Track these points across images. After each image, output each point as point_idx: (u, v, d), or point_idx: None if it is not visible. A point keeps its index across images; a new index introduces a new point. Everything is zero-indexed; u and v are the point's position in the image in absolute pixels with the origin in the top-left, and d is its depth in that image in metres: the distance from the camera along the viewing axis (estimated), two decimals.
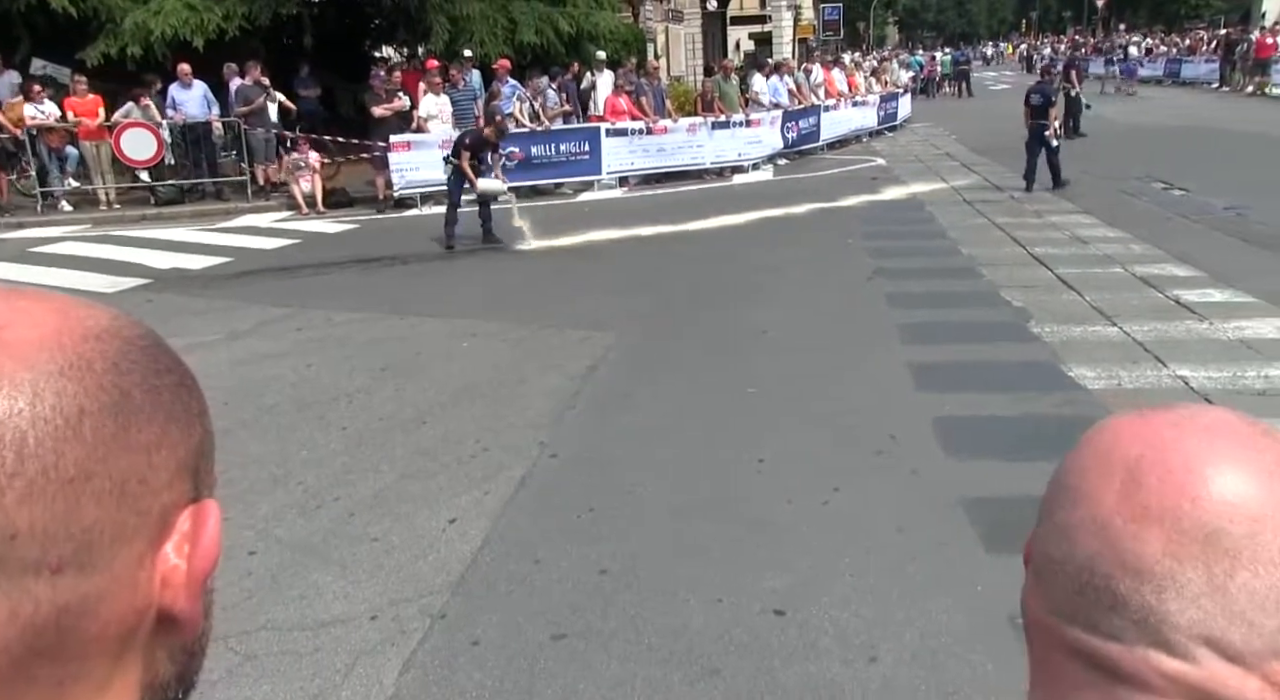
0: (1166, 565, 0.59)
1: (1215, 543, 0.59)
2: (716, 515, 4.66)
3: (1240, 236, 10.21)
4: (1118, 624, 0.61)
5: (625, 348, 7.38)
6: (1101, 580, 0.61)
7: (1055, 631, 0.65)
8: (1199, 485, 0.60)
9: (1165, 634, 0.60)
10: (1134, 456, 0.62)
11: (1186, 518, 0.59)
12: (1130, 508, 0.61)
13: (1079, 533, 0.63)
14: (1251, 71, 28.63)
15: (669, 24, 30.38)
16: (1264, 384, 5.98)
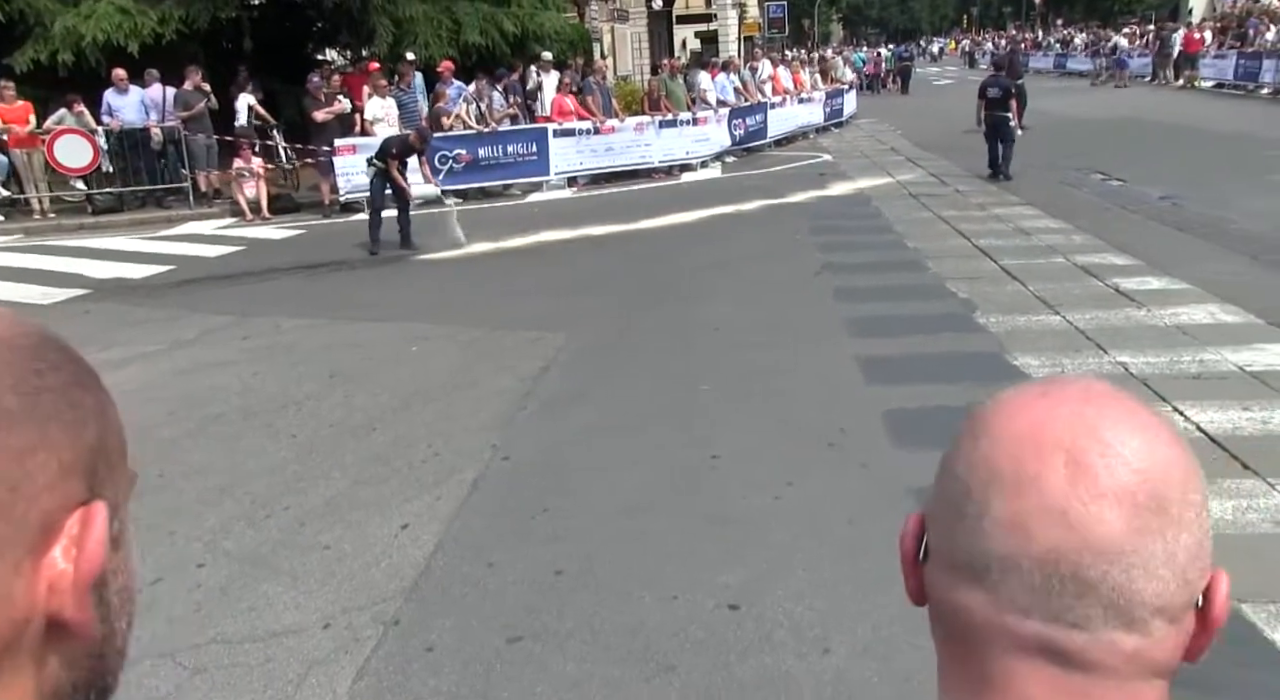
0: (1133, 541, 0.60)
1: (1165, 511, 0.60)
2: (671, 512, 4.66)
3: (1175, 225, 10.44)
4: (1085, 611, 0.61)
5: (577, 348, 7.36)
6: (1068, 568, 0.61)
7: (1012, 633, 0.63)
8: (1138, 456, 0.61)
9: (1133, 612, 0.61)
10: (1066, 437, 0.62)
11: (1140, 491, 0.60)
12: (1084, 489, 0.61)
13: (1035, 525, 0.61)
14: (1180, 66, 29.30)
15: (615, 24, 30.34)
16: (1199, 368, 6.11)
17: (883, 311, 7.81)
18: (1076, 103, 25.87)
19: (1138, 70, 33.16)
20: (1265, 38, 25.89)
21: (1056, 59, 43.08)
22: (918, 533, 0.71)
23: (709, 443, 5.42)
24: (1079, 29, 50.03)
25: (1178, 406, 5.49)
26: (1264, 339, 6.55)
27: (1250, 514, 4.30)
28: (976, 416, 0.68)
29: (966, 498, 0.65)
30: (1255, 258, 8.79)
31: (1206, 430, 5.17)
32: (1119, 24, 48.24)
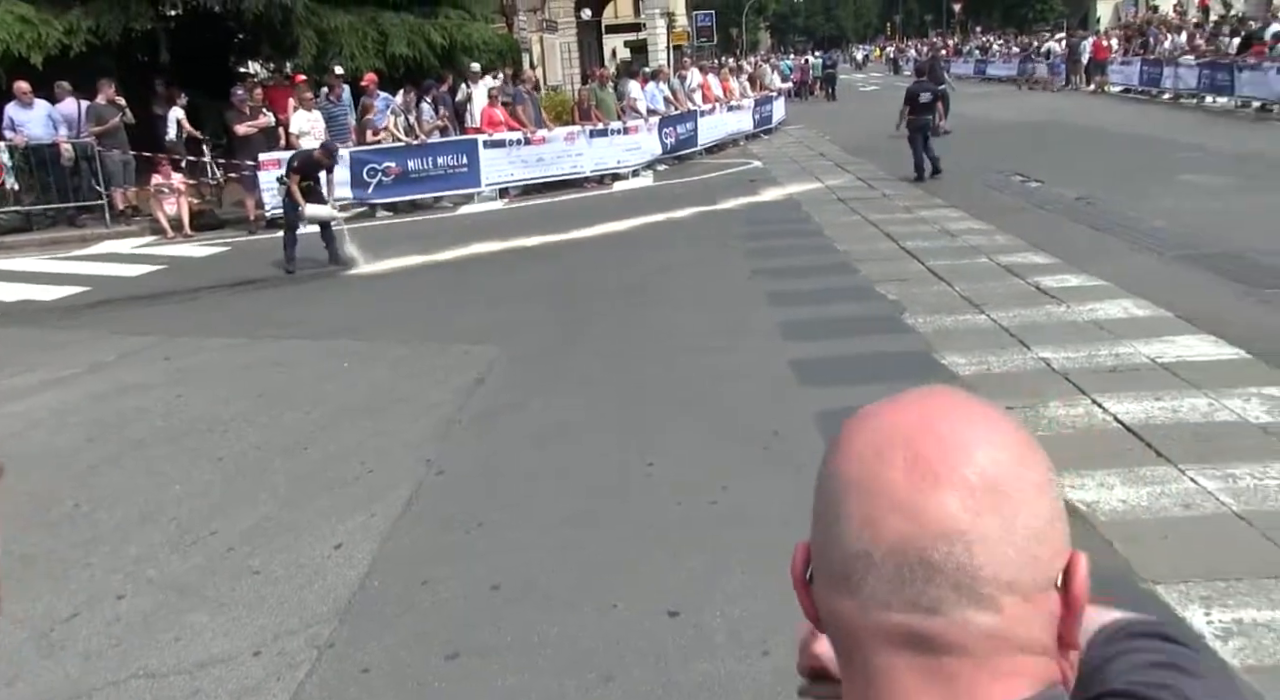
0: (968, 520, 0.64)
1: (998, 491, 0.64)
2: (608, 521, 4.66)
3: (1090, 224, 10.74)
4: (937, 594, 0.64)
5: (511, 359, 7.32)
6: (916, 555, 0.64)
7: (878, 628, 0.66)
8: (970, 444, 0.66)
9: (979, 588, 0.64)
10: (904, 437, 0.67)
11: (972, 474, 0.65)
12: (921, 480, 0.65)
13: (882, 520, 0.65)
14: (1091, 72, 30.20)
15: (544, 34, 30.32)
16: (1115, 361, 6.29)
17: (814, 314, 7.90)
18: (996, 107, 26.50)
19: (1052, 75, 34.08)
20: (1164, 46, 26.82)
21: (977, 65, 44.09)
22: (805, 558, 0.74)
23: (645, 450, 5.43)
24: (998, 36, 51.30)
25: (1096, 398, 5.64)
26: (1173, 332, 6.76)
27: (1164, 499, 4.44)
28: (839, 432, 0.72)
29: (829, 509, 0.69)
30: (1164, 254, 9.09)
31: (1123, 421, 5.32)
32: (1034, 31, 49.55)
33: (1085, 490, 4.58)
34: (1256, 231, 9.55)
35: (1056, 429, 5.33)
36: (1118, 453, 4.99)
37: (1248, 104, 20.89)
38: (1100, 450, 5.02)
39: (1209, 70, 22.92)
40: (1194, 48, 24.85)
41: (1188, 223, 10.26)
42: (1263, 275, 8.05)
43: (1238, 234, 9.52)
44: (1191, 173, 13.39)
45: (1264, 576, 3.75)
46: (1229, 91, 21.75)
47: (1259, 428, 5.15)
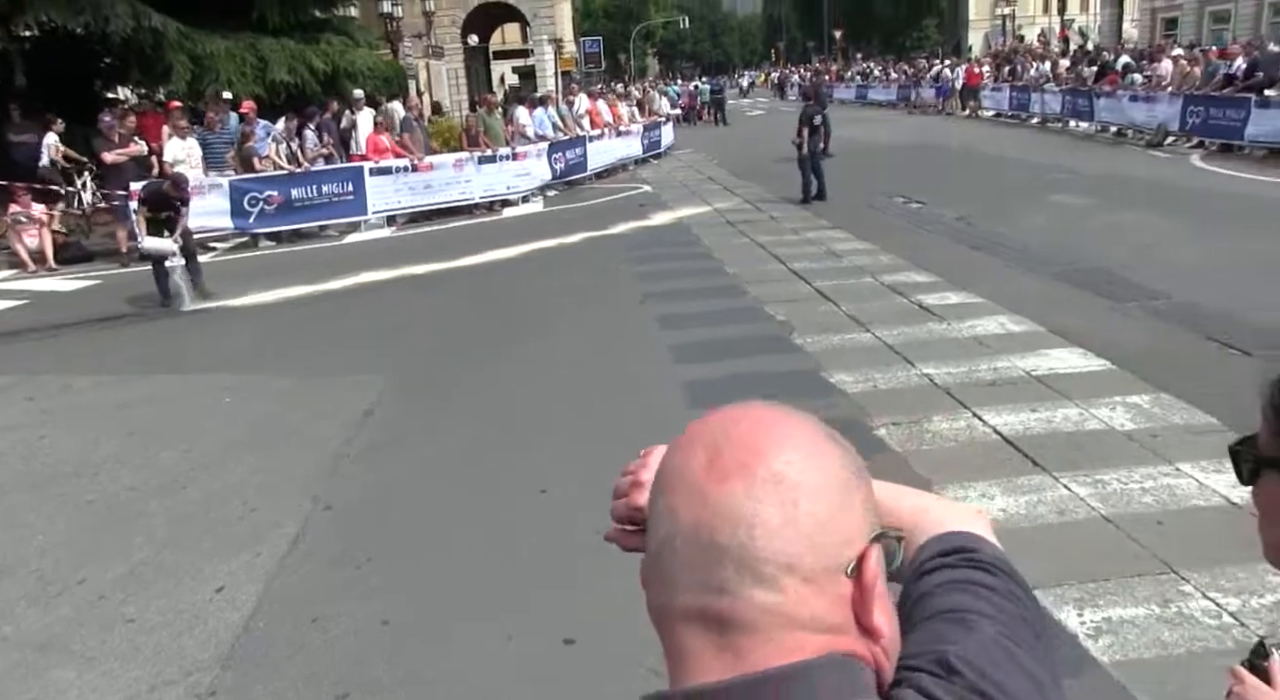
0: (751, 506, 0.71)
1: (781, 481, 0.72)
2: (501, 551, 4.60)
3: (968, 243, 11.16)
4: (724, 574, 0.71)
5: (399, 390, 7.19)
6: (706, 537, 0.71)
7: (677, 608, 0.73)
8: (765, 446, 0.73)
9: (759, 568, 0.70)
10: (712, 440, 0.74)
11: (758, 466, 0.72)
12: (716, 472, 0.73)
13: (681, 507, 0.73)
14: (964, 97, 31.50)
15: (430, 60, 30.10)
16: (993, 375, 6.54)
17: (705, 336, 7.99)
18: (878, 131, 27.37)
19: (928, 100, 35.44)
20: (1030, 73, 28.18)
21: (858, 90, 45.49)
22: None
23: (537, 477, 5.39)
24: (878, 62, 53.02)
25: (976, 412, 5.84)
26: (1047, 345, 7.07)
27: (1040, 507, 4.61)
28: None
29: (650, 503, 0.78)
30: (1037, 271, 9.50)
31: (1002, 432, 5.52)
32: (912, 59, 51.41)
33: (968, 501, 4.72)
34: (1118, 248, 10.07)
35: (940, 442, 5.49)
36: (998, 463, 5.17)
37: (1106, 128, 22.08)
38: (981, 462, 5.19)
39: (1071, 97, 24.17)
40: (1057, 76, 26.17)
41: (1057, 241, 10.76)
42: (1124, 289, 8.49)
43: (1102, 251, 10.03)
44: (1060, 193, 14.07)
45: (1129, 575, 3.93)
46: (1089, 117, 22.97)
47: (1124, 435, 5.40)
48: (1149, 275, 8.83)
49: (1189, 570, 3.91)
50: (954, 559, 0.88)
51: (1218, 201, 12.72)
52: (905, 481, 4.14)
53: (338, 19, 22.67)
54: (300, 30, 19.71)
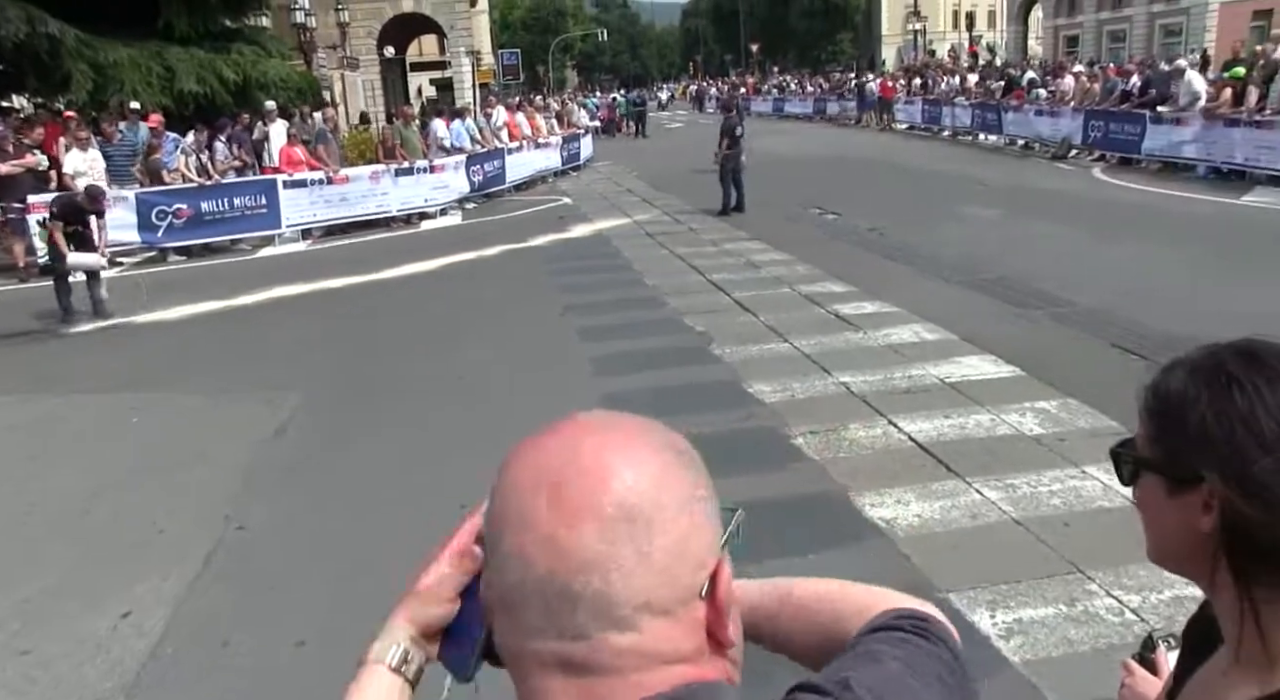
0: (604, 550, 0.68)
1: (634, 520, 0.69)
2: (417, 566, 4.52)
3: (882, 253, 11.40)
4: (580, 621, 0.68)
5: (315, 406, 7.05)
6: (560, 584, 0.68)
7: (533, 653, 0.70)
8: (609, 476, 0.70)
9: (615, 612, 0.68)
10: (553, 471, 0.71)
11: (609, 504, 0.69)
12: (563, 515, 0.69)
13: (531, 553, 0.69)
14: (878, 111, 32.25)
15: (345, 71, 29.68)
16: (908, 383, 6.68)
17: (626, 348, 8.00)
18: (794, 143, 27.81)
19: (844, 113, 36.17)
20: (941, 88, 28.97)
21: (775, 103, 46.19)
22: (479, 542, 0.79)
23: (457, 492, 5.30)
24: (794, 76, 53.93)
25: (892, 419, 5.96)
26: (959, 353, 7.25)
27: (954, 512, 4.72)
28: (503, 461, 0.76)
29: (492, 539, 0.73)
30: (948, 280, 9.74)
31: (916, 439, 5.63)
32: (827, 72, 52.44)
33: (884, 508, 4.81)
34: (1025, 257, 10.40)
35: (857, 450, 5.58)
36: (913, 470, 5.27)
37: (1014, 141, 22.79)
38: (897, 468, 5.29)
39: (980, 111, 24.92)
40: (966, 90, 26.94)
41: (968, 250, 11.05)
42: (1031, 297, 8.76)
43: (1010, 260, 10.33)
44: (970, 204, 14.46)
45: (1039, 577, 4.04)
46: (998, 130, 23.69)
47: (1033, 439, 5.56)
48: (1055, 283, 9.13)
49: (1094, 570, 4.04)
50: (898, 622, 0.89)
51: (1118, 212, 13.21)
52: (822, 489, 4.19)
53: (249, 29, 22.22)
54: (209, 39, 19.25)
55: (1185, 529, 0.97)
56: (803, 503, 4.91)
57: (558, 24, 79.10)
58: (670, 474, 0.72)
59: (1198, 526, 0.96)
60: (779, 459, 5.49)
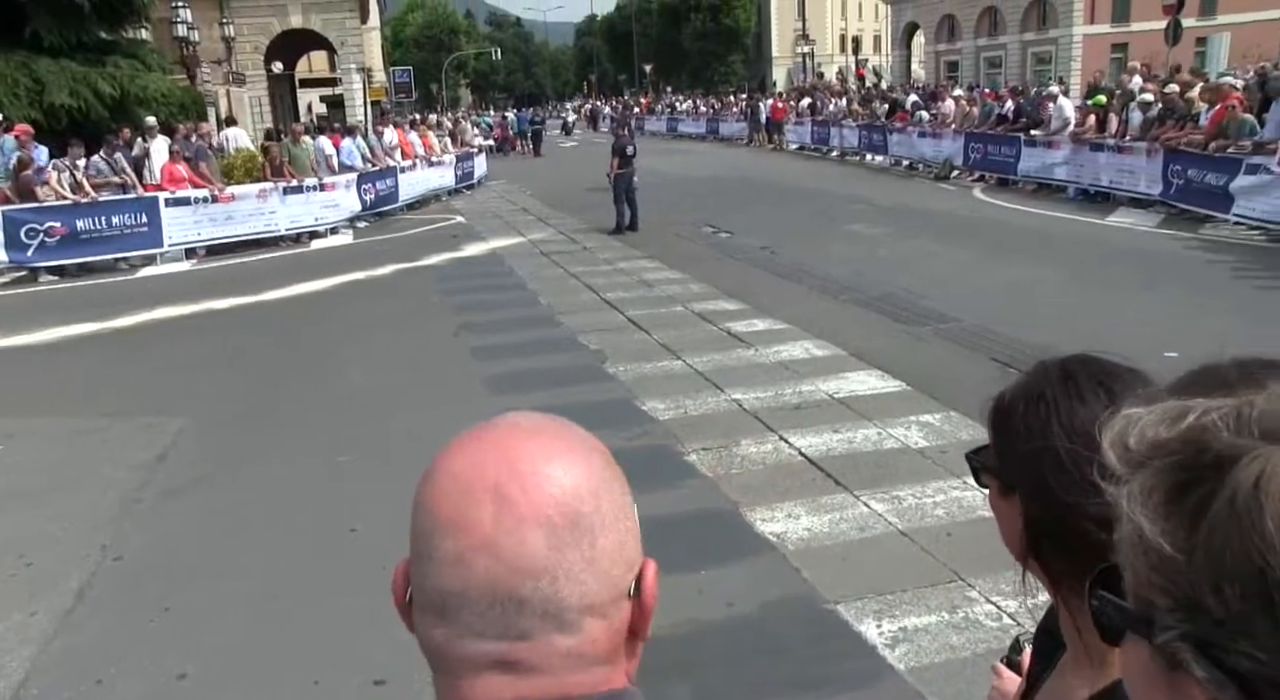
0: (553, 557, 0.69)
1: (578, 525, 0.70)
2: (308, 593, 4.43)
3: (774, 271, 11.64)
4: (526, 624, 0.69)
5: (199, 430, 6.82)
6: (506, 592, 0.69)
7: (469, 654, 0.70)
8: (551, 479, 0.71)
9: (564, 616, 0.70)
10: (490, 476, 0.70)
11: (554, 513, 0.70)
12: (509, 521, 0.69)
13: (474, 559, 0.69)
14: (770, 131, 32.96)
15: (230, 87, 28.90)
16: (799, 399, 6.82)
17: (520, 367, 7.97)
18: (688, 163, 28.18)
19: (736, 133, 36.83)
20: (829, 109, 29.80)
21: (669, 122, 46.75)
22: (405, 576, 0.76)
23: (348, 516, 5.22)
24: (686, 96, 54.69)
25: (783, 435, 6.08)
26: (848, 369, 7.44)
27: (842, 524, 4.84)
28: (431, 463, 0.75)
29: (424, 541, 0.72)
30: (837, 297, 10.01)
31: (806, 454, 5.76)
32: (719, 93, 53.32)
33: (775, 522, 4.90)
34: (910, 275, 10.74)
35: (748, 466, 5.67)
36: (803, 484, 5.38)
37: (899, 162, 23.56)
38: (788, 483, 5.40)
39: (866, 132, 25.69)
40: (853, 112, 27.75)
41: (856, 268, 11.36)
42: (916, 314, 9.06)
43: (896, 278, 10.66)
44: (858, 223, 14.88)
45: (923, 586, 4.17)
46: (884, 151, 24.47)
47: (918, 452, 5.75)
48: (938, 300, 9.46)
49: (974, 577, 4.19)
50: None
51: (996, 231, 13.78)
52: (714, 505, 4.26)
53: (126, 41, 21.43)
54: (83, 51, 18.52)
55: (1015, 532, 1.05)
56: (695, 519, 4.97)
57: (451, 42, 78.56)
58: (605, 477, 0.74)
59: (1020, 529, 1.03)
60: (672, 476, 5.54)
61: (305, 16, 32.30)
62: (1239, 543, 0.48)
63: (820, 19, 73.23)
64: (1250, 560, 0.48)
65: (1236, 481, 0.49)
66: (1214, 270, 10.49)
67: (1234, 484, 0.49)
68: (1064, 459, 0.98)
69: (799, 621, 4.01)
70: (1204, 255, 11.35)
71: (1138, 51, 31.00)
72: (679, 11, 73.48)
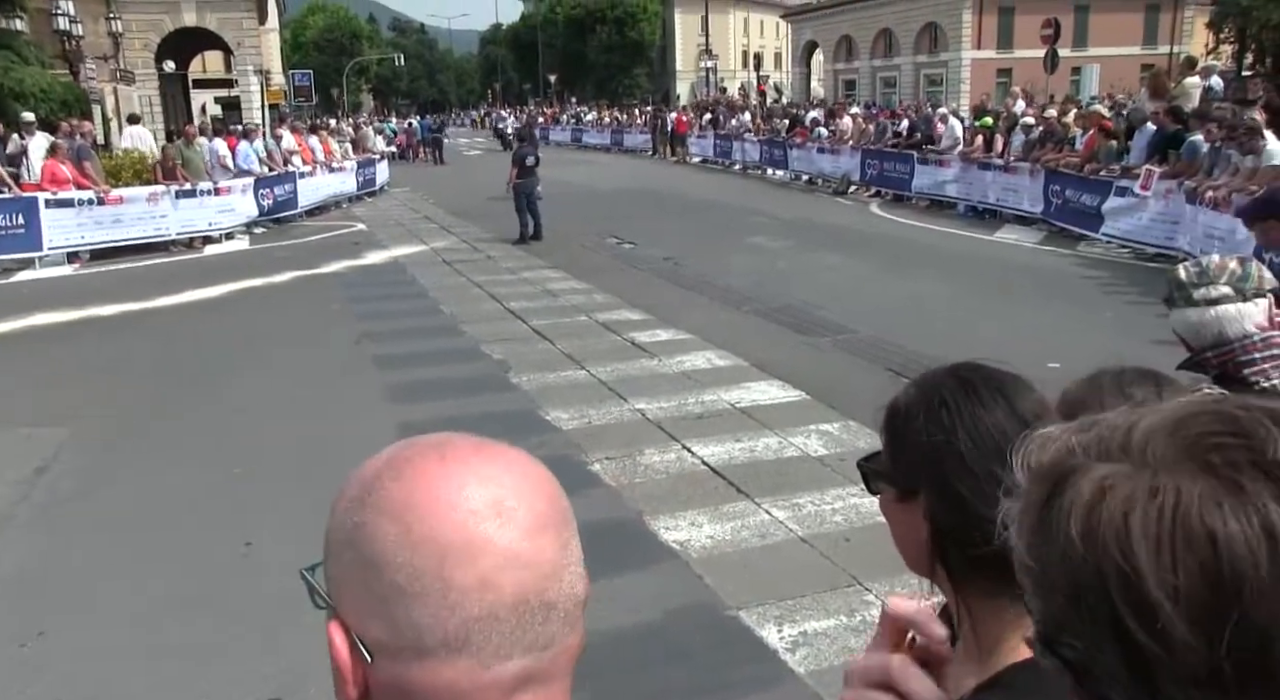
0: (564, 554, 0.72)
1: (567, 522, 0.74)
2: (198, 611, 4.27)
3: (677, 282, 11.74)
4: (552, 630, 0.70)
5: (82, 443, 6.54)
6: (537, 599, 0.69)
7: (497, 680, 0.69)
8: (534, 487, 0.72)
9: (576, 612, 0.72)
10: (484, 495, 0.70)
11: (550, 512, 0.72)
12: (519, 530, 0.69)
13: (499, 577, 0.68)
14: (673, 144, 33.27)
15: (118, 85, 27.82)
16: (702, 408, 6.89)
17: (422, 377, 7.87)
18: (593, 174, 28.23)
19: (641, 145, 37.07)
20: (731, 124, 30.25)
21: (574, 133, 46.77)
22: (349, 638, 0.71)
23: (242, 530, 5.06)
24: (591, 106, 54.79)
25: (686, 444, 6.13)
26: (749, 378, 7.55)
27: (744, 532, 4.91)
28: (383, 502, 0.70)
29: (420, 580, 0.68)
30: (739, 308, 10.15)
31: (709, 463, 5.82)
32: (624, 105, 53.57)
33: (679, 530, 4.94)
34: (809, 286, 10.97)
35: (650, 475, 5.70)
36: (705, 493, 5.44)
37: (799, 177, 24.05)
38: (690, 492, 5.44)
39: (768, 147, 26.16)
40: (755, 126, 28.22)
41: (757, 280, 11.55)
42: (815, 325, 9.25)
43: (795, 289, 10.87)
44: (758, 236, 15.13)
45: (822, 591, 4.26)
46: (784, 166, 24.94)
47: (818, 460, 5.86)
48: (837, 312, 9.68)
49: (872, 581, 4.29)
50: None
51: (891, 246, 14.17)
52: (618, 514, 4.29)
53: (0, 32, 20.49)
54: None
55: (913, 536, 1.09)
56: (598, 528, 4.96)
57: (353, 46, 77.07)
58: (556, 481, 0.75)
59: (920, 533, 1.07)
60: (575, 486, 5.47)
61: (200, 15, 31.33)
62: (1059, 550, 0.55)
63: (723, 35, 74.30)
64: (1064, 562, 0.55)
65: (1063, 498, 0.56)
66: (1091, 286, 11.00)
67: (1062, 501, 0.56)
68: (968, 461, 1.02)
69: (701, 628, 4.04)
70: (1082, 271, 11.90)
71: (1020, 77, 32.37)
72: (584, 23, 73.61)
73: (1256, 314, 2.17)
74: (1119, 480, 0.54)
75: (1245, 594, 0.49)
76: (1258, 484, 0.51)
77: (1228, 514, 0.51)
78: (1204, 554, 0.50)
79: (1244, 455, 0.53)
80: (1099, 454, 0.56)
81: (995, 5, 45.33)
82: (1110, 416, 0.59)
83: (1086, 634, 0.54)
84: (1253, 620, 0.49)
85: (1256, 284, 2.18)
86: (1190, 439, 0.54)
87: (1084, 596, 0.54)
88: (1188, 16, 48.05)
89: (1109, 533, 0.53)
